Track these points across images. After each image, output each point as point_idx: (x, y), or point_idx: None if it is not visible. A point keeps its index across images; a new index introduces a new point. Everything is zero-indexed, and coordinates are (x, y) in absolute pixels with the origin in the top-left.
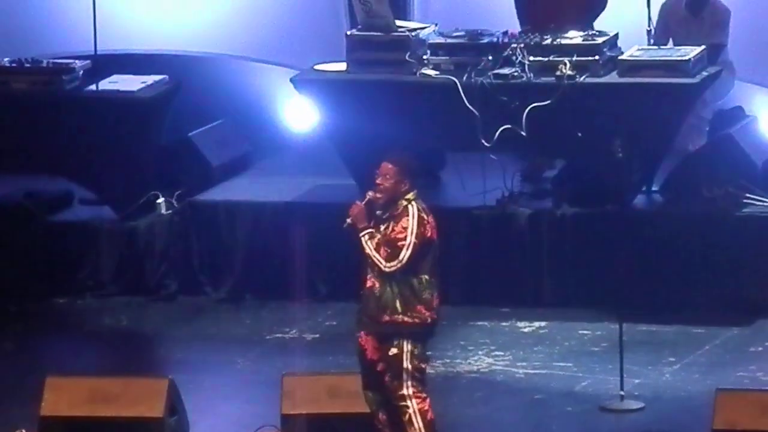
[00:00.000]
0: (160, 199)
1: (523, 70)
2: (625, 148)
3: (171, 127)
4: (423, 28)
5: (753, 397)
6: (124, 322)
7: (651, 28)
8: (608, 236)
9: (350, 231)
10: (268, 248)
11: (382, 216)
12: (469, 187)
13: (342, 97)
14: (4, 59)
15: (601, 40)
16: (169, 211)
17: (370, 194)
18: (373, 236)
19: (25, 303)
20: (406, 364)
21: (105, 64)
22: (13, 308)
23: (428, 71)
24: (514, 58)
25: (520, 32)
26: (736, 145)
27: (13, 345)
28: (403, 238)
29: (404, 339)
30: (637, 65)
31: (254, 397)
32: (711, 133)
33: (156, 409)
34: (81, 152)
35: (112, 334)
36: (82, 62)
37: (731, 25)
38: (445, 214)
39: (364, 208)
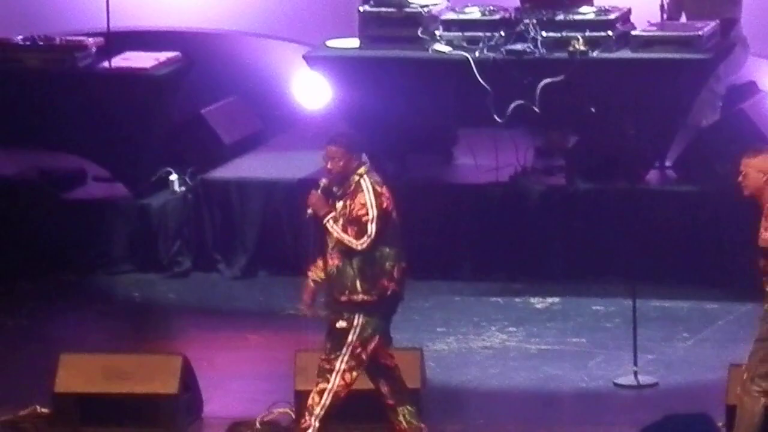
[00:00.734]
0: (173, 176)
1: (535, 46)
2: (637, 124)
3: (183, 104)
4: (435, 4)
5: None
6: (138, 299)
7: (663, 3)
8: (621, 212)
9: (313, 220)
10: (281, 225)
11: (337, 193)
12: (482, 163)
13: (354, 74)
14: (17, 37)
15: (613, 16)
16: (182, 188)
17: (324, 181)
18: (337, 219)
19: (39, 280)
20: (352, 338)
21: (117, 41)
22: (27, 286)
23: (441, 47)
24: (527, 33)
25: (519, 7)
26: (749, 120)
27: (26, 322)
28: (366, 214)
29: (358, 313)
30: (649, 40)
31: (268, 373)
32: (724, 109)
33: (170, 386)
34: (94, 129)
35: (126, 311)
36: (95, 39)
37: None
38: (458, 190)
39: (322, 196)
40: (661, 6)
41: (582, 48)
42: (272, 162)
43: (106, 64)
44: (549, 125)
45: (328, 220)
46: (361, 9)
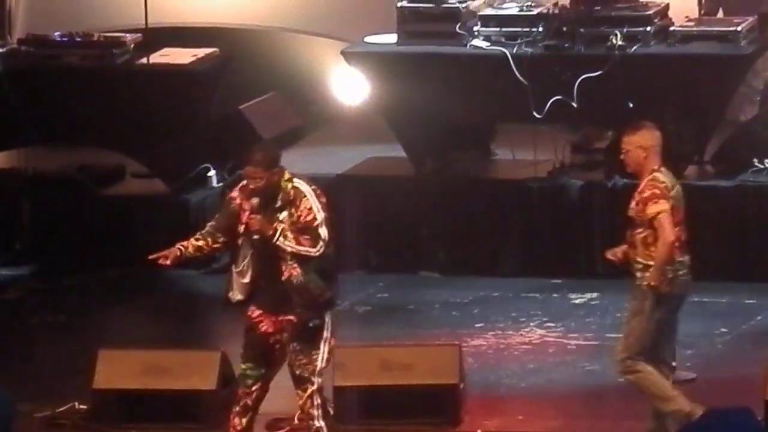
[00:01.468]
0: (212, 172)
1: (573, 41)
2: (676, 120)
3: (222, 100)
4: (473, 0)
5: None
6: (176, 295)
7: None
8: None
9: (263, 244)
10: None
11: (275, 206)
12: (520, 158)
13: (392, 69)
14: (55, 33)
15: (652, 11)
16: (221, 184)
17: (255, 200)
18: (286, 233)
19: (78, 276)
20: (327, 334)
21: (156, 37)
22: (66, 281)
23: (479, 42)
24: (565, 29)
25: (557, 2)
26: None
27: (65, 318)
28: (314, 218)
29: (326, 310)
30: (687, 36)
31: None
32: (762, 103)
33: (208, 382)
34: (132, 126)
35: (164, 307)
36: (134, 35)
37: None
38: (497, 186)
39: (262, 218)
40: (699, 1)
41: (620, 43)
42: (311, 157)
43: (145, 60)
44: (587, 121)
45: (278, 238)
46: (399, 5)
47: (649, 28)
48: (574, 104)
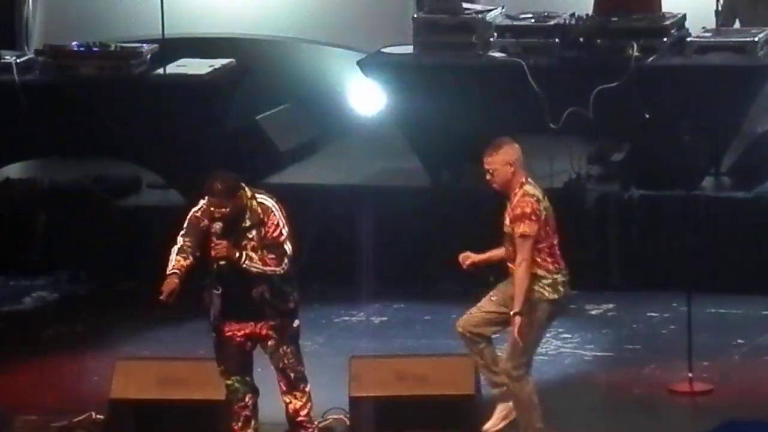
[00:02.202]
0: None
1: (590, 53)
2: (693, 131)
3: (238, 110)
4: (490, 11)
5: None
6: (192, 306)
7: (718, 9)
8: (676, 219)
9: (229, 267)
10: (336, 231)
11: (244, 226)
12: (537, 169)
13: (409, 80)
14: (72, 44)
15: (668, 22)
16: None
17: (218, 226)
18: (251, 255)
19: (94, 287)
20: (300, 339)
21: (172, 47)
22: (83, 292)
23: (495, 53)
24: (582, 40)
25: (574, 13)
26: None
27: (82, 328)
28: (280, 234)
29: (296, 315)
30: (704, 47)
31: (322, 380)
32: None
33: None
34: (149, 136)
35: (180, 318)
36: (150, 46)
37: None
38: None
39: (228, 243)
40: (716, 12)
41: (637, 54)
42: (327, 169)
43: (161, 70)
44: (603, 132)
45: (244, 262)
46: (416, 16)
47: (665, 39)
48: (591, 115)
